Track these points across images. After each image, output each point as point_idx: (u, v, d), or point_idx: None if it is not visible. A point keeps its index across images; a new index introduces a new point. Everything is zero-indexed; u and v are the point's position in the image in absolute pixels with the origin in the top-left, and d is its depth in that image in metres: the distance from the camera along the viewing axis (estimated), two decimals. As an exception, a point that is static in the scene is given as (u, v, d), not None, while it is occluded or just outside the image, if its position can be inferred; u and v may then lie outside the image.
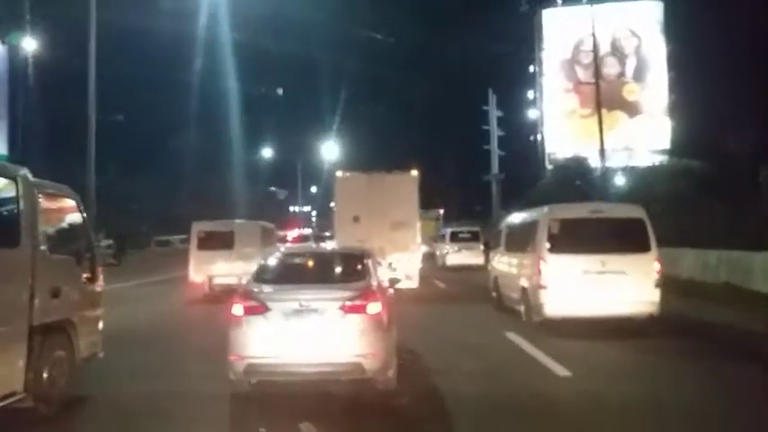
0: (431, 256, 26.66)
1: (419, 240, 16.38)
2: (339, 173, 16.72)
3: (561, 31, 41.99)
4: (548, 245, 9.76)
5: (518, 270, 11.13)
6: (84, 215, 6.89)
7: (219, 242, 16.43)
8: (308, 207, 68.99)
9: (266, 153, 51.98)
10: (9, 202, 5.60)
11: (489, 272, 13.92)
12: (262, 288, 6.35)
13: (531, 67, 46.95)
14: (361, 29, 41.01)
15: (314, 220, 65.74)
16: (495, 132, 46.25)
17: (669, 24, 40.48)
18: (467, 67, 52.00)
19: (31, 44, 29.30)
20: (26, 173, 5.76)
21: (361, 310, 5.97)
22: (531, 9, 44.29)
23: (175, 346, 9.43)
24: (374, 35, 39.04)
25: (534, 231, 10.19)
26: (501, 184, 45.45)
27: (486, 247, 20.08)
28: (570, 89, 41.77)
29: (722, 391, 6.58)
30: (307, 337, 5.91)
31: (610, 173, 28.18)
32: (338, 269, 7.15)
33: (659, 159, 36.58)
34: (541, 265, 9.68)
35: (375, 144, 52.33)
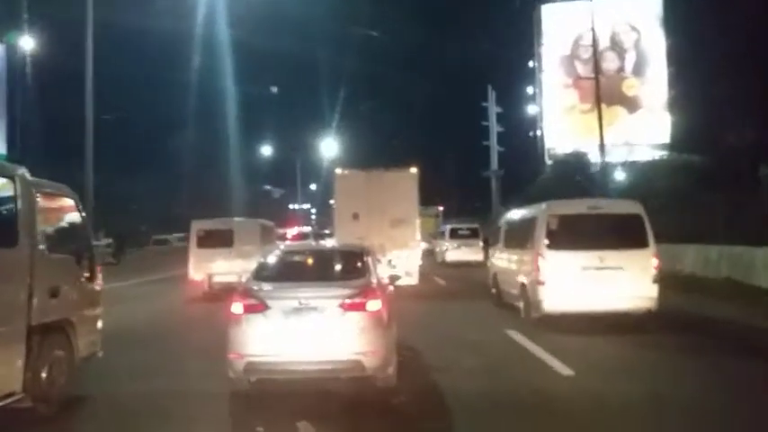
0: (430, 253, 26.80)
1: (419, 237, 16.37)
2: (338, 170, 16.71)
3: (560, 27, 41.88)
4: (546, 241, 9.80)
5: (517, 266, 11.16)
6: (83, 214, 6.86)
7: (219, 240, 16.42)
8: (307, 205, 68.93)
9: (266, 151, 51.87)
10: (7, 202, 5.59)
11: (488, 268, 13.92)
12: (261, 286, 6.33)
13: (531, 63, 46.84)
14: (359, 26, 40.94)
15: (313, 217, 65.75)
16: (495, 128, 46.18)
17: (669, 18, 40.37)
18: (466, 64, 51.96)
19: (29, 43, 29.20)
20: (24, 172, 5.74)
21: (360, 307, 5.96)
22: (528, 4, 44.10)
23: (175, 344, 9.42)
24: (372, 32, 38.93)
25: (533, 228, 10.22)
26: (500, 180, 45.43)
27: (486, 243, 20.09)
28: (570, 84, 41.65)
29: (723, 387, 6.57)
30: (306, 334, 5.90)
31: (610, 168, 28.12)
32: (338, 267, 7.13)
33: (659, 154, 36.53)
34: (540, 261, 9.71)
35: (374, 141, 52.39)
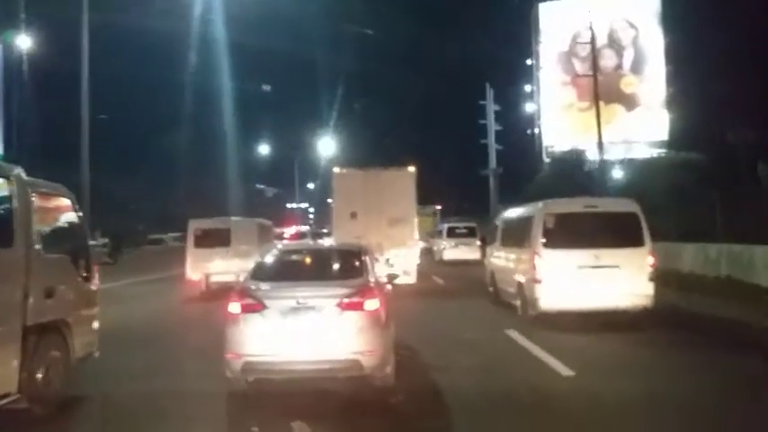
0: (428, 252, 26.93)
1: (417, 236, 16.36)
2: (336, 169, 16.72)
3: (558, 24, 41.81)
4: (543, 240, 9.85)
5: (514, 265, 11.22)
6: (80, 214, 6.83)
7: (216, 240, 16.38)
8: (305, 204, 68.88)
9: (263, 150, 51.77)
10: (2, 202, 5.55)
11: (486, 267, 13.96)
12: (259, 286, 6.31)
13: (528, 61, 46.80)
14: (356, 25, 40.81)
15: (311, 216, 65.69)
16: (493, 127, 46.16)
17: (667, 15, 40.31)
18: (463, 62, 51.99)
19: (25, 42, 29.10)
20: (20, 171, 5.72)
21: (358, 306, 5.94)
22: (525, 2, 44.08)
23: (172, 344, 9.38)
24: (370, 31, 38.92)
25: (529, 226, 10.28)
26: (499, 179, 45.43)
27: (483, 242, 20.15)
28: (568, 82, 41.59)
29: (721, 386, 6.55)
30: (304, 334, 5.88)
31: (608, 166, 28.11)
32: (336, 266, 7.11)
33: (657, 152, 36.55)
34: (536, 259, 9.75)
35: (372, 140, 52.40)
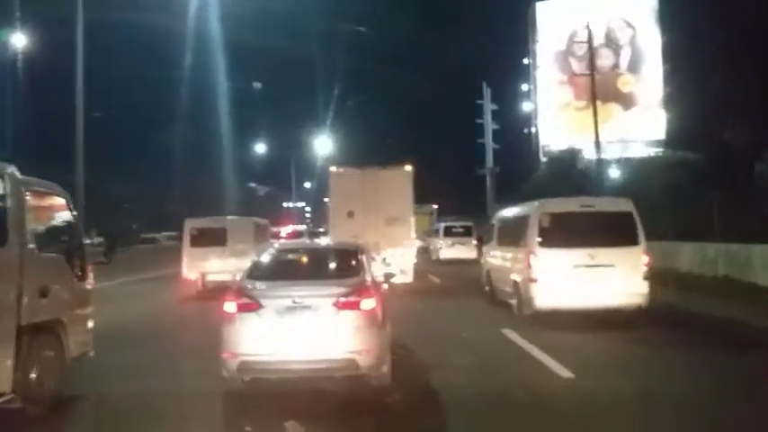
0: (425, 251, 27.00)
1: (413, 235, 16.36)
2: (333, 168, 16.71)
3: (555, 23, 41.85)
4: (538, 239, 9.90)
5: (510, 264, 11.26)
6: (74, 213, 6.79)
7: (212, 239, 16.34)
8: (302, 203, 68.82)
9: (260, 149, 51.64)
10: None
11: (482, 266, 13.98)
12: (255, 285, 6.29)
13: (525, 60, 46.86)
14: (353, 24, 40.72)
15: (308, 215, 65.64)
16: (490, 126, 46.19)
17: (664, 14, 40.34)
18: (461, 61, 51.98)
19: (21, 40, 28.91)
20: (13, 170, 5.67)
21: (354, 306, 5.92)
22: (523, 1, 44.09)
23: (168, 343, 9.33)
24: (366, 30, 38.85)
25: (525, 226, 10.33)
26: (496, 178, 45.45)
27: (479, 241, 20.18)
28: (565, 81, 41.63)
29: (718, 385, 6.53)
30: (300, 333, 5.85)
31: (604, 165, 28.13)
32: (332, 265, 7.09)
33: (654, 151, 36.62)
34: (532, 258, 9.81)
35: (369, 139, 52.32)
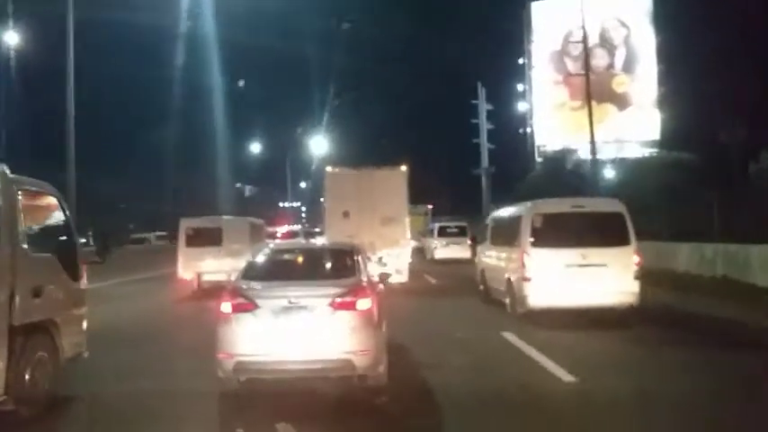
0: (419, 251, 27.26)
1: (409, 235, 16.41)
2: (329, 168, 16.76)
3: (550, 23, 41.89)
4: (531, 239, 10.05)
5: (504, 263, 11.43)
6: (67, 212, 6.73)
7: (208, 239, 16.29)
8: (297, 202, 68.68)
9: (255, 149, 51.49)
10: None
11: (476, 265, 14.11)
12: (250, 285, 6.25)
13: (521, 60, 46.89)
14: (348, 23, 40.61)
15: (303, 215, 65.56)
16: (485, 126, 46.25)
17: (658, 14, 40.44)
18: (456, 62, 51.97)
19: (13, 38, 28.77)
20: (4, 169, 5.62)
21: (350, 306, 5.89)
22: (517, 1, 44.15)
23: (163, 344, 9.28)
24: (361, 28, 38.82)
25: (518, 226, 10.49)
26: (491, 178, 45.51)
27: (474, 241, 20.30)
28: (560, 81, 41.69)
29: (716, 385, 6.52)
30: (296, 334, 5.82)
31: (599, 165, 28.17)
32: (328, 265, 7.08)
33: (649, 151, 36.70)
34: (525, 258, 9.96)
35: (364, 139, 52.36)
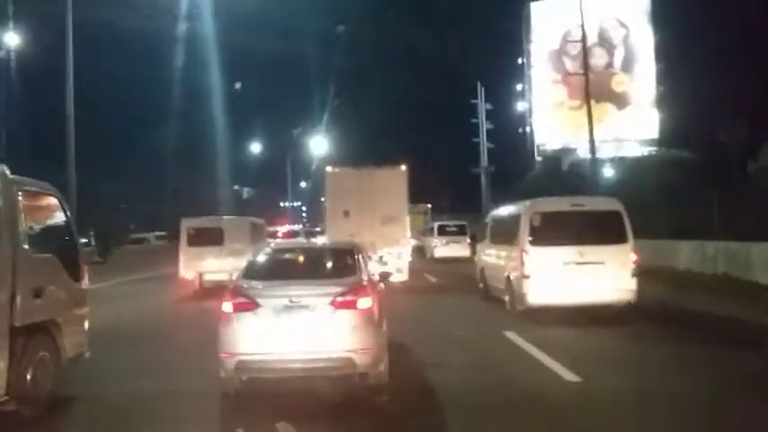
0: (419, 250, 27.49)
1: (409, 234, 16.48)
2: (329, 168, 16.84)
3: (549, 22, 41.87)
4: (530, 237, 10.13)
5: (503, 261, 11.51)
6: (68, 213, 6.73)
7: (209, 238, 16.33)
8: (298, 202, 68.71)
9: (255, 149, 51.47)
10: None
11: (476, 263, 14.18)
12: (252, 284, 6.26)
13: (520, 60, 46.87)
14: (347, 23, 40.64)
15: (304, 215, 65.62)
16: (484, 125, 46.27)
17: (657, 13, 40.42)
18: (455, 61, 51.95)
19: (13, 39, 28.74)
20: (4, 169, 5.62)
21: (351, 305, 5.90)
22: (517, 1, 44.13)
23: (165, 343, 9.30)
24: (361, 30, 38.87)
25: (517, 224, 10.56)
26: (491, 177, 45.55)
27: (473, 239, 20.39)
28: (559, 80, 41.64)
29: (718, 383, 6.51)
30: (297, 333, 5.83)
31: (599, 164, 28.18)
32: (329, 264, 7.10)
33: (648, 150, 36.70)
34: (524, 256, 10.05)
35: (364, 139, 52.31)
